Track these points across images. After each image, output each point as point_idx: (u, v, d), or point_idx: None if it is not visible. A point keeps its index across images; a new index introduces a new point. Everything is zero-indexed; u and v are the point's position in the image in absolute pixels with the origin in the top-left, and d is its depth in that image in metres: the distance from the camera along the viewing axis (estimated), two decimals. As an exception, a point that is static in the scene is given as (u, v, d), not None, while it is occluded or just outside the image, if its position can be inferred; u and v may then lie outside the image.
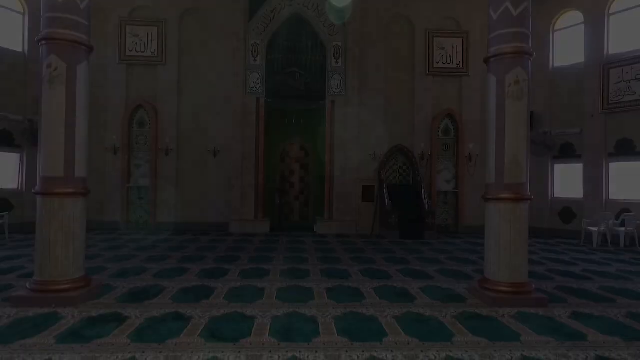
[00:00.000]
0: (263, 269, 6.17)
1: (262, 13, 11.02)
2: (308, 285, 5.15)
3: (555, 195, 11.08)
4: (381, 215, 10.73)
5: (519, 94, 4.39)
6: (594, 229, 9.20)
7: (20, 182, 10.23)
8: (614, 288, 5.29)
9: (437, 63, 11.54)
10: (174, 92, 11.11)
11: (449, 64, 11.56)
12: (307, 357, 3.03)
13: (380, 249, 8.41)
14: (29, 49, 10.25)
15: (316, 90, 11.21)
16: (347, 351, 3.14)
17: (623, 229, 9.20)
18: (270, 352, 3.11)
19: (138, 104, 10.99)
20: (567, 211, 10.74)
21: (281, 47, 11.18)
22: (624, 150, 9.75)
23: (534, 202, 10.50)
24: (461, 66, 11.56)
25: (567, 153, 10.79)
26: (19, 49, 10.26)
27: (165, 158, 11.04)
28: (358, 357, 3.05)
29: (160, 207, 11.02)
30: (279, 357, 3.03)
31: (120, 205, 10.90)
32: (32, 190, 4.29)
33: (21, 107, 10.19)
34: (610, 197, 9.99)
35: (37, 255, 4.22)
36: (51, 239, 4.17)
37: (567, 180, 10.86)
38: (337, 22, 10.87)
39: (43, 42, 4.21)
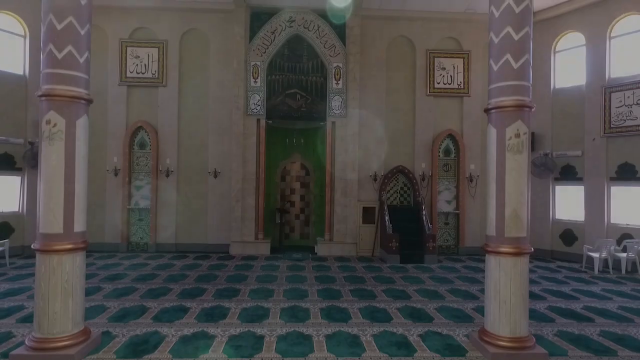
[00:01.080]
0: (262, 307, 6.16)
1: (262, 34, 11.01)
2: (308, 332, 5.14)
3: (556, 217, 11.04)
4: (382, 238, 10.71)
5: (519, 147, 4.38)
6: (596, 255, 9.17)
7: (20, 204, 10.24)
8: (616, 334, 5.26)
9: (438, 83, 11.53)
10: (175, 113, 11.11)
11: (449, 84, 11.54)
12: None
13: (381, 277, 8.39)
14: (30, 72, 10.27)
15: (317, 111, 11.20)
16: None
17: (625, 254, 9.17)
18: None
19: (139, 125, 11.00)
20: (569, 233, 10.71)
21: (282, 68, 11.18)
22: (626, 175, 9.71)
23: (535, 223, 10.64)
24: (462, 86, 11.54)
25: (568, 175, 10.75)
26: (20, 72, 10.27)
27: (165, 179, 11.04)
28: None
29: (161, 229, 11.02)
30: None
31: (120, 227, 10.90)
32: (32, 246, 4.28)
33: (21, 129, 10.21)
34: (612, 221, 9.95)
35: (36, 310, 4.21)
36: (50, 295, 4.16)
37: (569, 202, 10.83)
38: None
39: (42, 98, 4.19)
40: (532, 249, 4.56)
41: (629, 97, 9.61)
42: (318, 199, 12.36)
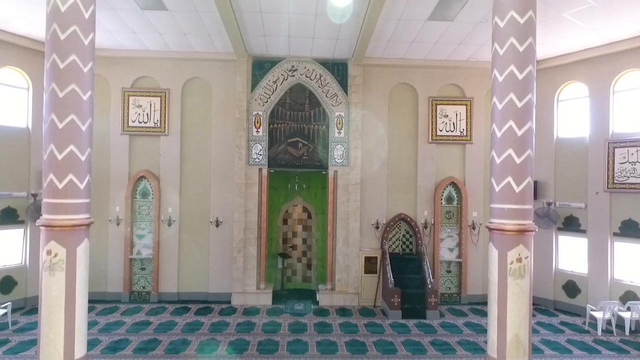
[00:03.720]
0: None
1: (264, 83, 11.02)
2: None
3: (559, 267, 10.99)
4: (384, 290, 10.69)
5: (521, 271, 4.35)
6: (599, 315, 9.12)
7: (23, 256, 10.28)
8: None
9: (441, 131, 11.49)
10: (177, 162, 11.13)
11: (452, 131, 11.51)
12: None
13: (383, 343, 8.35)
14: (33, 124, 10.31)
15: (319, 159, 11.19)
16: None
17: (629, 313, 9.11)
18: None
19: (141, 174, 11.02)
20: (572, 285, 10.65)
21: (283, 116, 11.18)
22: (629, 231, 9.65)
23: (538, 273, 10.59)
24: (464, 133, 11.51)
25: (571, 226, 10.69)
26: (23, 125, 10.31)
27: (167, 228, 11.06)
28: None
29: (163, 278, 11.04)
30: None
31: (122, 276, 10.92)
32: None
33: (24, 181, 10.26)
34: (615, 276, 9.89)
35: None
36: None
37: (572, 253, 10.77)
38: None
39: (43, 227, 4.20)
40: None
41: (632, 154, 9.55)
42: (320, 242, 12.36)
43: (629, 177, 9.60)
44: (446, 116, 11.50)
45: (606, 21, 8.58)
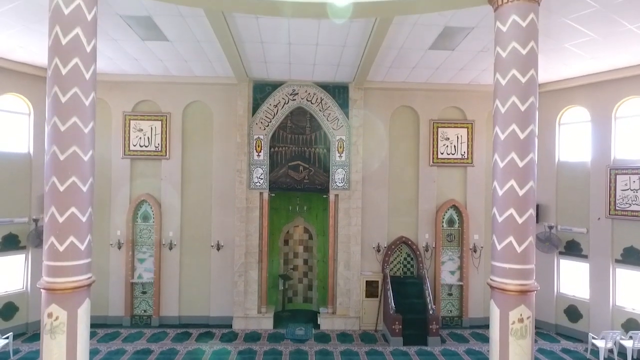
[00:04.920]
0: None
1: (265, 107, 11.02)
2: None
3: (561, 291, 10.96)
4: (385, 315, 10.68)
5: (522, 332, 4.34)
6: (601, 345, 9.09)
7: (24, 282, 10.29)
8: None
9: (442, 153, 11.47)
10: (178, 186, 11.13)
11: (453, 154, 11.49)
12: None
13: (384, 374, 8.36)
14: (34, 149, 10.32)
15: (320, 182, 11.18)
16: None
17: (631, 342, 9.09)
18: None
19: (142, 198, 11.02)
20: (574, 310, 10.62)
21: (284, 140, 11.18)
22: (631, 259, 9.62)
23: (540, 296, 10.52)
24: (466, 156, 11.49)
25: (573, 250, 10.67)
26: (24, 150, 10.32)
27: (169, 252, 11.06)
28: None
29: (164, 302, 11.04)
30: None
31: (123, 300, 10.93)
32: None
33: (25, 207, 10.27)
34: (617, 303, 9.86)
35: None
36: None
37: (573, 277, 10.74)
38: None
39: (44, 290, 4.20)
40: None
41: (634, 181, 9.52)
42: (321, 263, 12.35)
43: (630, 205, 9.57)
44: (447, 139, 11.48)
45: (607, 52, 8.55)
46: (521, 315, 4.35)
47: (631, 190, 9.56)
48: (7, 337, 8.80)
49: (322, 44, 8.57)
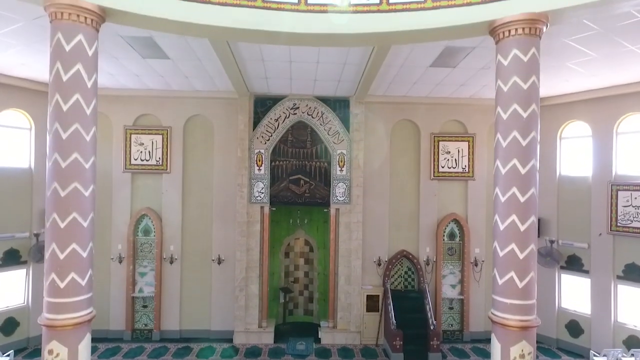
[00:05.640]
0: None
1: (266, 122, 11.02)
2: None
3: (562, 305, 10.94)
4: (385, 330, 10.66)
5: (524, 368, 4.32)
6: (602, 363, 9.07)
7: (25, 296, 10.29)
8: None
9: (443, 167, 11.46)
10: (179, 200, 11.12)
11: (454, 167, 11.47)
12: None
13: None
14: (35, 163, 10.33)
15: (321, 196, 11.17)
16: None
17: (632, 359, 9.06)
18: None
19: (143, 212, 11.02)
20: (575, 325, 10.60)
21: (285, 154, 11.17)
22: (633, 275, 9.60)
23: (541, 311, 10.46)
24: (467, 170, 11.47)
25: (574, 265, 10.65)
26: (25, 165, 10.33)
27: (169, 266, 11.07)
28: None
29: (165, 316, 11.04)
30: None
31: (124, 314, 10.93)
32: None
33: (27, 221, 10.27)
34: (619, 319, 9.84)
35: None
36: None
37: (575, 291, 10.72)
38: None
39: (44, 327, 4.20)
40: None
41: (636, 198, 9.50)
42: (322, 276, 12.34)
43: (632, 221, 9.55)
44: (448, 152, 11.47)
45: (608, 70, 8.54)
46: (522, 351, 4.34)
47: (633, 207, 9.54)
48: (8, 355, 8.78)
49: (322, 62, 8.56)
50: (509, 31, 4.46)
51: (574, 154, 10.87)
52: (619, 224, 9.77)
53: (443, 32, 5.11)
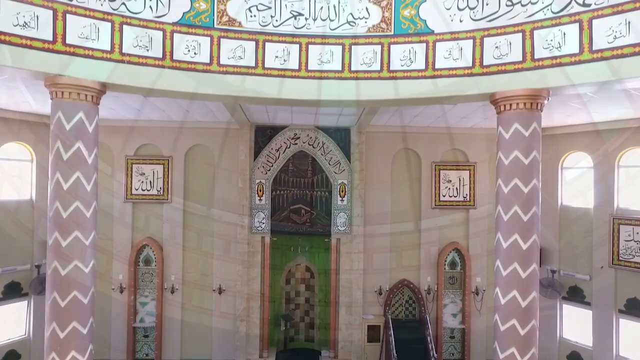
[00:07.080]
0: None
1: (266, 152, 11.03)
2: None
3: (563, 336, 10.92)
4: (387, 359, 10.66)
5: None
6: (604, 399, 9.06)
7: (27, 329, 10.31)
8: None
9: (444, 196, 11.45)
10: (180, 230, 11.13)
11: (455, 196, 11.46)
12: None
13: None
14: (37, 195, 10.34)
15: (322, 225, 11.18)
16: None
17: (634, 395, 9.05)
18: None
19: (144, 242, 11.03)
20: (576, 356, 10.58)
21: (286, 183, 11.18)
22: (634, 310, 9.56)
23: (543, 341, 10.45)
24: (468, 198, 11.46)
25: (576, 296, 10.61)
26: (27, 197, 10.34)
27: (170, 296, 11.07)
28: None
29: (166, 346, 11.05)
30: None
31: (125, 344, 10.95)
32: None
33: (28, 253, 10.27)
34: (621, 353, 9.81)
35: None
36: None
37: (576, 323, 10.70)
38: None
39: None
40: None
41: (638, 233, 9.47)
42: (323, 303, 12.31)
43: (634, 256, 9.52)
44: (449, 181, 11.45)
45: (609, 108, 8.52)
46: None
47: (635, 241, 9.51)
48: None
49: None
50: (510, 105, 4.46)
51: (575, 183, 10.83)
52: (620, 258, 9.74)
53: (444, 100, 5.09)
